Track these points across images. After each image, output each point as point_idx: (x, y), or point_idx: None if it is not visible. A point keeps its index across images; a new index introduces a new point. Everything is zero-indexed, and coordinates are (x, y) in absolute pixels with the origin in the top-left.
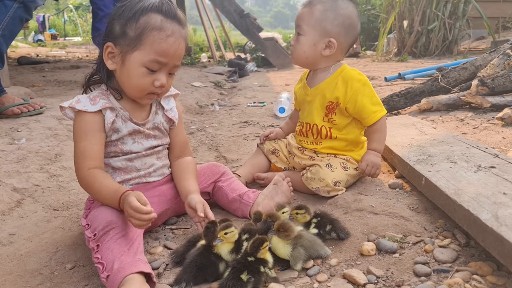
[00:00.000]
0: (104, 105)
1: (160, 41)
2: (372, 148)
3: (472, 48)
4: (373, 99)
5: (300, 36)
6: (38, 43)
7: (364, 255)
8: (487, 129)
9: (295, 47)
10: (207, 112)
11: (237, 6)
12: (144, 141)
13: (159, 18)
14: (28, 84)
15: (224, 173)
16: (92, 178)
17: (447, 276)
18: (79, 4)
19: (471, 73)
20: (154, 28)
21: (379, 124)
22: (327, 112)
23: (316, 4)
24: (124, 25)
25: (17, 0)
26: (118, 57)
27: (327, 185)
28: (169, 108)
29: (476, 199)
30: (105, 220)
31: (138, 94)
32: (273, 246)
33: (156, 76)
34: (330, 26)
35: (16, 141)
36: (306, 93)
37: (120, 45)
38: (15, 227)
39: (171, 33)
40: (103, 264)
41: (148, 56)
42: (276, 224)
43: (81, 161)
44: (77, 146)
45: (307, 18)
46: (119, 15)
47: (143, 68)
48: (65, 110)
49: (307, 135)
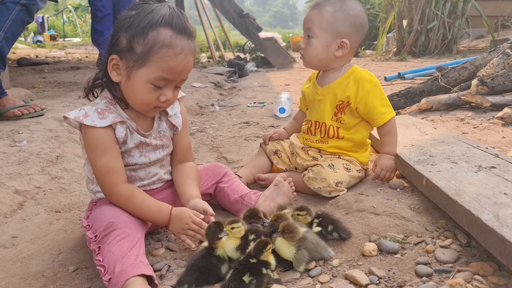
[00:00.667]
0: (113, 120)
1: (168, 59)
2: (386, 152)
3: (472, 47)
4: (383, 101)
5: (312, 39)
6: (37, 44)
7: (366, 255)
8: (487, 128)
9: (307, 50)
10: (207, 112)
11: (236, 6)
12: (152, 154)
13: (168, 34)
14: (28, 85)
15: (225, 173)
16: (130, 194)
17: (449, 277)
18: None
19: (471, 72)
20: (163, 46)
21: (389, 126)
22: (336, 111)
23: (325, 6)
24: (131, 40)
25: (19, 3)
26: (123, 71)
27: (328, 185)
28: (173, 113)
29: (477, 200)
30: (106, 221)
31: (144, 108)
32: (277, 247)
33: (162, 92)
34: (342, 27)
35: (17, 143)
36: (316, 92)
37: (126, 59)
38: (18, 229)
39: (180, 50)
40: (105, 267)
41: (155, 73)
42: (281, 225)
43: (111, 177)
44: (98, 163)
45: (318, 20)
46: (126, 27)
47: (149, 85)
48: (69, 120)
49: (314, 133)
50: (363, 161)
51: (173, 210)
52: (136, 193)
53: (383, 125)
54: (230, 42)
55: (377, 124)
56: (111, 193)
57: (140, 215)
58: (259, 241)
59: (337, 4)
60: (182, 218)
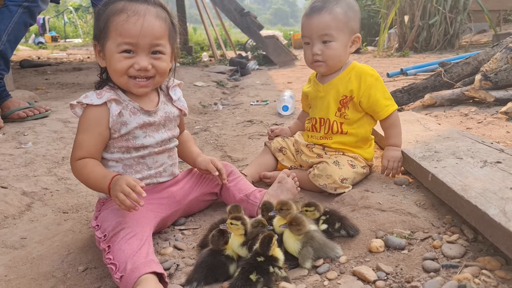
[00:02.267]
0: (109, 97)
1: (122, 23)
2: (391, 144)
3: (474, 41)
4: (385, 94)
5: (331, 43)
6: (39, 45)
7: (373, 252)
8: (491, 123)
9: (328, 55)
10: (210, 111)
11: (237, 5)
12: (155, 133)
13: (121, 3)
14: (32, 87)
15: (231, 172)
16: (82, 165)
17: (456, 272)
18: (78, 5)
19: (474, 67)
20: (116, 13)
21: (392, 118)
22: (340, 106)
23: (334, 8)
24: (98, 21)
25: (22, 5)
26: (102, 53)
27: (334, 182)
28: (177, 98)
29: (483, 195)
30: (115, 221)
31: (122, 80)
32: (284, 239)
33: (135, 59)
34: (355, 24)
35: (23, 145)
36: (318, 89)
37: (99, 41)
38: (26, 230)
39: (132, 13)
40: (116, 265)
41: (116, 41)
42: (288, 217)
43: (76, 151)
44: (77, 137)
45: (334, 23)
46: (97, 15)
47: (117, 55)
48: (75, 109)
49: (319, 130)
50: (368, 157)
51: (114, 177)
52: (89, 163)
53: (387, 117)
54: (231, 41)
55: (381, 117)
56: (72, 166)
57: (89, 183)
58: (263, 237)
59: (342, 3)
60: (118, 181)
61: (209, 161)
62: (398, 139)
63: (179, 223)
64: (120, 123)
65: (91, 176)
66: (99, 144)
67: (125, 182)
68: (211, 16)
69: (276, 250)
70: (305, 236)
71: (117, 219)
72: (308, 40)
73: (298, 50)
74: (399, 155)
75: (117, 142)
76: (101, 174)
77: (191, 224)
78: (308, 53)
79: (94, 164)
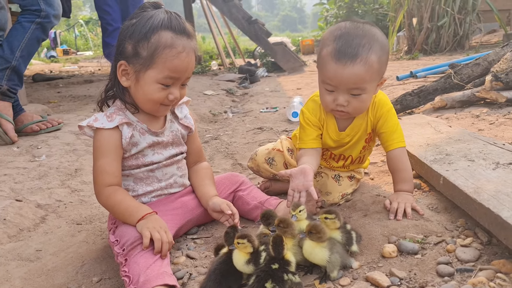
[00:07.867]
0: (120, 121)
1: (172, 58)
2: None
3: (484, 42)
4: (398, 126)
5: (361, 96)
6: (51, 59)
7: (386, 257)
8: (503, 124)
9: (356, 107)
10: (220, 120)
11: (244, 13)
12: (164, 151)
13: (169, 35)
14: (44, 100)
15: (243, 182)
16: (111, 192)
17: (471, 276)
18: (89, 18)
19: (484, 68)
20: (166, 46)
21: (400, 152)
22: (365, 144)
23: (370, 56)
24: (136, 46)
25: (35, 22)
26: (132, 75)
27: (333, 199)
28: (183, 116)
29: (496, 197)
30: (133, 236)
31: (153, 108)
32: (309, 250)
33: (170, 90)
34: (385, 67)
35: (36, 158)
36: (341, 138)
37: (133, 64)
38: (41, 243)
39: (182, 49)
40: (130, 277)
41: (162, 73)
42: (307, 225)
43: (100, 177)
44: (96, 163)
45: (369, 75)
46: (130, 35)
47: (157, 85)
48: (84, 129)
49: (337, 161)
50: (366, 167)
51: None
52: (119, 191)
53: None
54: (240, 48)
55: (389, 148)
56: (99, 192)
57: (116, 210)
58: (273, 239)
59: (375, 46)
60: (158, 221)
61: (224, 202)
62: (409, 185)
63: (192, 232)
64: (131, 144)
65: (122, 205)
66: (120, 166)
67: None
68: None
69: (288, 254)
70: (329, 242)
71: (135, 234)
72: (332, 88)
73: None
74: (410, 198)
75: (127, 161)
76: (134, 205)
77: (203, 233)
78: (328, 99)
79: (125, 194)
